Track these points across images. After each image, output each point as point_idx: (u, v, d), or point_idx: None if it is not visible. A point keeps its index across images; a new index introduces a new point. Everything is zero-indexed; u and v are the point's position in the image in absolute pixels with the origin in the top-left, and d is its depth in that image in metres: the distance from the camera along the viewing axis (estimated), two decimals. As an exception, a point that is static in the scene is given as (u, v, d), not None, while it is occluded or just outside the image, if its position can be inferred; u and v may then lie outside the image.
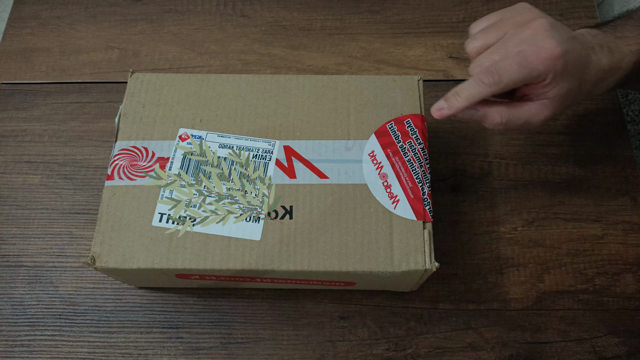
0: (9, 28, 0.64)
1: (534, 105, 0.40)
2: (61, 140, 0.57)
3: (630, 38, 0.42)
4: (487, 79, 0.37)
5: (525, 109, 0.40)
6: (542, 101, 0.39)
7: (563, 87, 0.38)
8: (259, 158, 0.44)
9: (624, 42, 0.41)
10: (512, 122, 0.40)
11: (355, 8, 0.65)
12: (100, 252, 0.41)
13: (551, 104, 0.39)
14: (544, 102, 0.39)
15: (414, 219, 0.42)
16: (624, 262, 0.51)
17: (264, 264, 0.40)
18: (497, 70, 0.37)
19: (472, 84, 0.38)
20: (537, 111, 0.40)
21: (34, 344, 0.48)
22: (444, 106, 0.39)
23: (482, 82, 0.37)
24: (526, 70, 0.37)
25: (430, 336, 0.48)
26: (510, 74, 0.37)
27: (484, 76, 0.37)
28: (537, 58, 0.37)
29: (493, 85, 0.37)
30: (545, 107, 0.39)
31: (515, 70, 0.37)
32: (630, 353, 0.48)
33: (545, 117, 0.40)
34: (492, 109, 0.40)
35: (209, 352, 0.48)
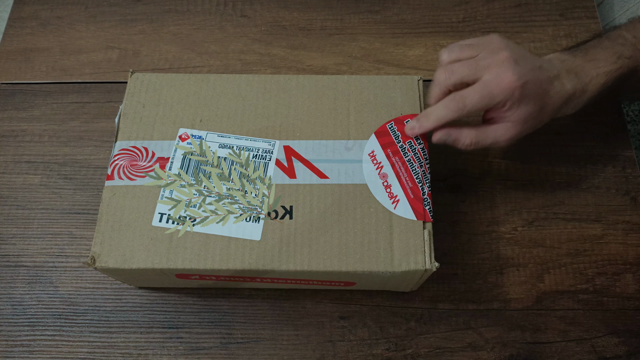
0: (9, 28, 0.64)
1: (499, 127, 0.44)
2: (61, 140, 0.57)
3: (600, 60, 0.46)
4: (453, 105, 0.42)
5: (492, 130, 0.44)
6: (505, 124, 0.44)
7: (522, 111, 0.43)
8: (259, 158, 0.44)
9: (593, 65, 0.46)
10: (481, 143, 0.45)
11: (355, 8, 0.65)
12: (100, 252, 0.41)
13: (514, 126, 0.44)
14: (508, 124, 0.44)
15: (414, 219, 0.42)
16: (624, 262, 0.51)
17: (264, 264, 0.40)
18: (462, 99, 0.42)
19: (441, 109, 0.43)
20: (502, 132, 0.44)
21: (34, 344, 0.48)
22: (415, 125, 0.44)
23: (449, 107, 0.42)
24: (487, 99, 0.42)
25: (430, 336, 0.48)
26: (473, 102, 0.42)
27: (451, 103, 0.42)
28: (497, 88, 0.41)
29: (458, 111, 0.42)
30: (509, 129, 0.44)
31: (478, 99, 0.42)
32: (630, 353, 0.48)
33: (510, 137, 0.44)
34: (463, 133, 0.44)
35: (209, 352, 0.48)
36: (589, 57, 0.46)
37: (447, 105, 0.42)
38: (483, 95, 0.42)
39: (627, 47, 0.46)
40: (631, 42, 0.47)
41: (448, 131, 0.44)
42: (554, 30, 0.63)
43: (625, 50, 0.46)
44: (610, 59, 0.46)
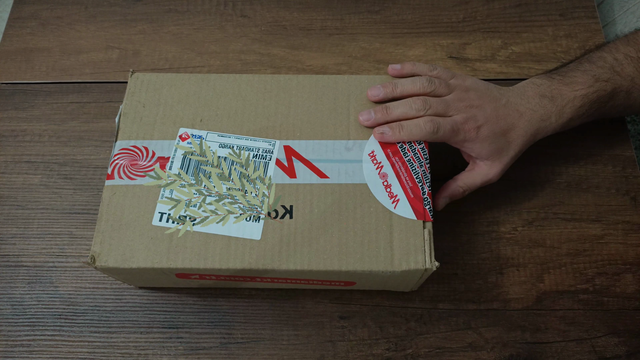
0: (9, 28, 0.64)
1: (482, 167, 0.48)
2: (61, 140, 0.57)
3: (578, 84, 0.48)
4: (429, 127, 0.44)
5: (477, 172, 0.48)
6: (484, 162, 0.48)
7: (487, 149, 0.46)
8: (259, 158, 0.44)
9: (570, 87, 0.48)
10: (472, 187, 0.48)
11: (355, 8, 0.65)
12: (100, 251, 0.41)
13: (492, 162, 0.47)
14: (486, 162, 0.47)
15: (414, 219, 0.42)
16: (624, 262, 0.51)
17: (264, 263, 0.40)
18: (438, 125, 0.44)
19: (417, 126, 0.44)
20: (487, 170, 0.48)
21: (34, 344, 0.48)
22: (388, 132, 0.44)
23: (424, 129, 0.44)
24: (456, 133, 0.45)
25: (430, 336, 0.48)
26: (444, 132, 0.44)
27: (428, 124, 0.44)
28: (461, 128, 0.45)
29: (431, 134, 0.44)
30: (491, 166, 0.47)
31: (449, 131, 0.45)
32: (630, 353, 0.48)
33: (497, 172, 0.48)
34: (453, 187, 0.48)
35: (209, 352, 0.48)
36: (567, 80, 0.48)
37: (425, 126, 0.44)
38: (454, 130, 0.45)
39: (605, 70, 0.48)
40: (610, 65, 0.48)
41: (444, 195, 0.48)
42: (554, 30, 0.63)
43: (603, 73, 0.48)
44: (588, 82, 0.47)
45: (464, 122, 0.45)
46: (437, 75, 0.47)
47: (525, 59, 0.61)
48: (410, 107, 0.45)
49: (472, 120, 0.45)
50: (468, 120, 0.45)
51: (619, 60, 0.48)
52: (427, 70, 0.48)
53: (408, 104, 0.45)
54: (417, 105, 0.45)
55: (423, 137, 0.44)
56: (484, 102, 0.46)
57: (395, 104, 0.45)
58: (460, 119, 0.45)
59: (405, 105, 0.45)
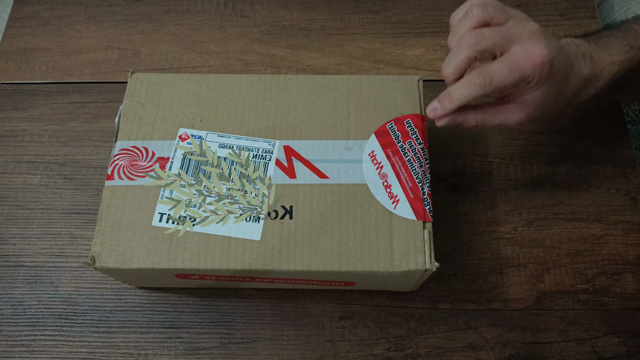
0: (9, 28, 0.64)
1: (510, 108, 0.42)
2: (61, 140, 0.57)
3: (614, 49, 0.43)
4: (479, 80, 0.38)
5: (501, 110, 0.42)
6: (518, 104, 0.41)
7: (542, 93, 0.40)
8: (259, 158, 0.44)
9: (606, 52, 0.43)
10: (488, 124, 0.42)
11: (355, 8, 0.65)
12: (100, 252, 0.41)
13: (526, 107, 0.41)
14: (520, 105, 0.41)
15: (414, 219, 0.42)
16: (624, 262, 0.51)
17: (264, 264, 0.40)
18: (489, 73, 0.38)
19: (464, 86, 0.39)
20: (512, 113, 0.41)
21: (34, 344, 0.48)
22: (437, 107, 0.41)
23: (474, 83, 0.38)
24: (516, 73, 0.38)
25: (430, 336, 0.48)
26: (501, 77, 0.38)
27: (476, 78, 0.38)
28: (526, 62, 0.38)
29: (484, 87, 0.38)
30: (520, 110, 0.41)
31: (507, 74, 0.38)
32: (630, 353, 0.48)
33: (519, 120, 0.42)
34: (468, 116, 0.42)
35: (209, 352, 0.48)
36: (602, 44, 0.44)
37: (472, 80, 0.38)
38: (512, 70, 0.38)
39: (638, 39, 0.44)
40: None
41: (454, 116, 0.41)
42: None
43: (636, 41, 0.44)
44: (623, 49, 0.44)
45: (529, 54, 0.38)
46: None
47: (525, 59, 0.61)
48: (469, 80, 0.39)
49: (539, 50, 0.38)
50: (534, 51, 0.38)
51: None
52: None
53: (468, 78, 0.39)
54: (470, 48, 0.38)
55: (477, 93, 0.38)
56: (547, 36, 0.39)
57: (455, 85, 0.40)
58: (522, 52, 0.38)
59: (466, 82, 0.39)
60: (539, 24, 0.40)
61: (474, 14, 0.40)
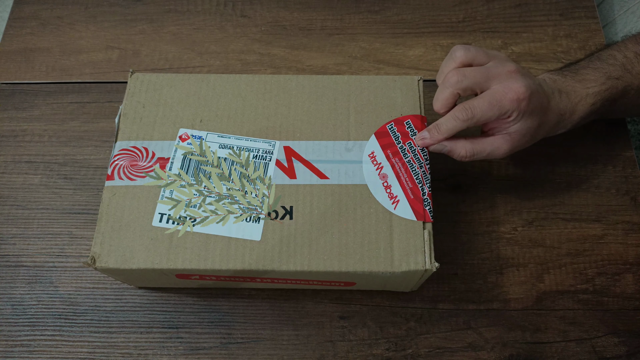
0: (9, 28, 0.64)
1: (496, 140, 0.44)
2: (61, 140, 0.57)
3: (590, 81, 0.47)
4: (462, 115, 0.42)
5: (488, 142, 0.45)
6: (503, 135, 0.44)
7: (524, 125, 0.43)
8: (259, 158, 0.44)
9: (582, 85, 0.47)
10: (477, 155, 0.45)
11: (355, 8, 0.65)
12: (101, 252, 0.41)
13: (511, 139, 0.44)
14: (505, 136, 0.44)
15: (414, 219, 0.42)
16: (624, 262, 0.51)
17: (264, 264, 0.40)
18: (471, 108, 0.42)
19: (450, 120, 0.43)
20: (498, 145, 0.44)
21: (34, 344, 0.48)
22: (426, 136, 0.44)
23: (458, 117, 0.42)
24: (495, 108, 0.41)
25: (430, 336, 0.48)
26: (482, 111, 0.42)
27: (459, 113, 0.42)
28: (505, 98, 0.41)
29: (467, 121, 0.42)
30: (506, 142, 0.44)
31: (487, 109, 0.41)
32: (630, 353, 0.48)
33: (505, 151, 0.45)
34: (458, 144, 0.44)
35: (209, 352, 0.48)
36: (579, 78, 0.47)
37: (457, 115, 0.42)
38: (492, 105, 0.41)
39: (616, 68, 0.47)
40: (621, 63, 0.48)
41: (445, 143, 0.44)
42: (554, 30, 0.63)
43: (614, 70, 0.47)
44: (600, 80, 0.47)
45: (507, 90, 0.41)
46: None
47: (525, 59, 0.61)
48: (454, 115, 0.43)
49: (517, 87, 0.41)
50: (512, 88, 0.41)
51: (630, 59, 0.48)
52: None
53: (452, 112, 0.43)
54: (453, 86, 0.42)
55: (461, 126, 0.42)
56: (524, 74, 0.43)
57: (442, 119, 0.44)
58: (501, 89, 0.42)
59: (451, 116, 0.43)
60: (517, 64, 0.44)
61: (457, 55, 0.44)
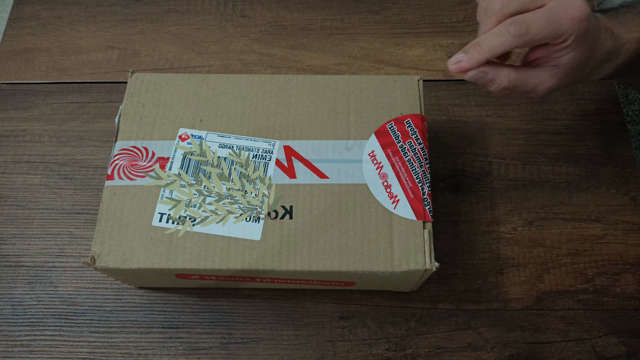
0: (9, 28, 0.64)
1: (542, 72, 0.39)
2: (61, 140, 0.57)
3: (632, 25, 0.42)
4: (514, 29, 0.35)
5: (534, 74, 0.39)
6: (550, 68, 0.39)
7: (576, 55, 0.38)
8: (259, 158, 0.44)
9: (625, 28, 0.42)
10: (519, 87, 0.39)
11: (355, 8, 0.65)
12: (100, 252, 0.41)
13: (559, 72, 0.39)
14: (552, 69, 0.39)
15: (414, 219, 0.42)
16: (624, 262, 0.51)
17: (264, 264, 0.40)
18: (526, 22, 0.35)
19: (496, 35, 0.36)
20: (544, 78, 0.39)
21: (34, 344, 0.48)
22: (462, 58, 0.38)
23: (509, 32, 0.36)
24: (553, 26, 0.36)
25: (430, 336, 0.48)
26: (538, 28, 0.35)
27: (511, 26, 0.36)
28: (565, 16, 0.36)
29: (519, 37, 0.36)
30: (552, 76, 0.39)
31: (544, 26, 0.36)
32: (630, 353, 0.48)
33: (550, 86, 0.39)
34: (502, 72, 0.38)
35: (209, 352, 0.48)
36: (621, 20, 0.42)
37: (506, 29, 0.36)
38: (550, 22, 0.35)
39: None
40: None
41: (485, 68, 0.38)
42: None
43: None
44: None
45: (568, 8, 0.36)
46: None
47: (525, 59, 0.61)
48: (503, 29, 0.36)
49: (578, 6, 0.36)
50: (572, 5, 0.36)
51: None
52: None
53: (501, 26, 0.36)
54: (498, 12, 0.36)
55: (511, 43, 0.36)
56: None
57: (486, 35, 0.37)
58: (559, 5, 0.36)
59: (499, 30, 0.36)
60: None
61: None
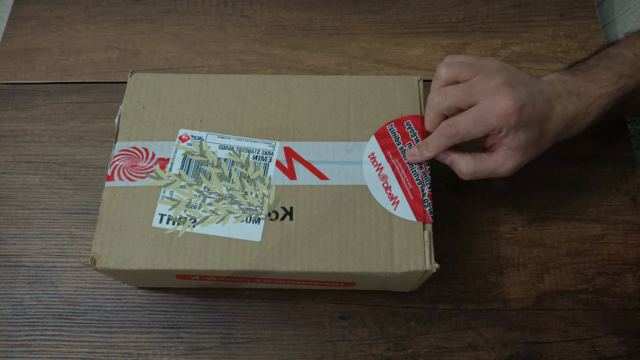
0: (9, 28, 0.64)
1: (499, 156, 0.43)
2: (61, 140, 0.57)
3: (602, 80, 0.45)
4: (446, 131, 0.41)
5: (492, 160, 0.43)
6: (505, 152, 0.42)
7: (521, 138, 0.41)
8: (259, 159, 0.44)
9: (595, 85, 0.44)
10: (479, 172, 0.43)
11: (355, 8, 0.65)
12: (101, 252, 0.41)
13: (514, 154, 0.42)
14: (508, 152, 0.42)
15: (414, 220, 0.42)
16: (624, 262, 0.51)
17: (264, 264, 0.40)
18: (455, 125, 0.41)
19: (436, 137, 0.42)
20: (502, 161, 0.43)
21: (34, 344, 0.48)
22: (416, 153, 0.44)
23: (442, 134, 0.42)
24: (481, 124, 0.40)
25: (430, 336, 0.48)
26: (466, 127, 0.41)
27: (444, 129, 0.41)
28: (491, 114, 0.40)
29: (452, 137, 0.41)
30: (509, 158, 0.43)
31: (472, 125, 0.40)
32: (630, 353, 0.48)
33: (511, 167, 0.43)
34: (461, 159, 0.43)
35: (209, 352, 0.48)
36: (590, 77, 0.45)
37: (442, 132, 0.42)
38: (477, 121, 0.40)
39: (627, 66, 0.45)
40: (631, 60, 0.45)
41: (447, 153, 0.44)
42: (554, 30, 0.63)
43: (626, 69, 0.45)
44: (612, 79, 0.44)
45: (494, 105, 0.40)
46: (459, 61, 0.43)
47: (525, 59, 0.61)
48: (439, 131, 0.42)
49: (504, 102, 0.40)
50: (499, 103, 0.40)
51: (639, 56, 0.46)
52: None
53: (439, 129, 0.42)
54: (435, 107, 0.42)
55: (447, 143, 0.42)
56: (516, 83, 0.41)
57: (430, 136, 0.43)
58: (487, 104, 0.40)
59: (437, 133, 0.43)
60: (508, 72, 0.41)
61: (440, 74, 0.43)
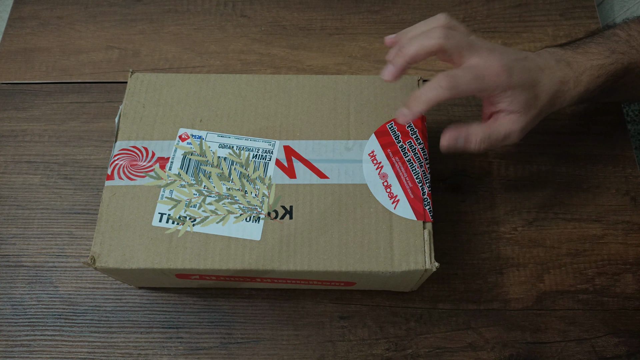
0: (9, 28, 0.64)
1: (504, 120, 0.42)
2: (61, 140, 0.57)
3: (593, 53, 0.45)
4: (445, 82, 0.39)
5: (501, 123, 0.42)
6: (508, 116, 0.42)
7: (519, 99, 0.41)
8: (259, 158, 0.44)
9: (584, 57, 0.45)
10: (493, 137, 0.42)
11: (355, 8, 0.65)
12: (100, 252, 0.41)
13: (517, 116, 0.42)
14: (510, 116, 0.42)
15: (414, 219, 0.42)
16: (624, 262, 0.51)
17: (264, 264, 0.40)
18: (454, 77, 0.39)
19: (431, 88, 0.39)
20: (511, 124, 0.42)
21: (34, 344, 0.48)
22: (406, 112, 0.41)
23: (441, 85, 0.39)
24: (478, 80, 0.39)
25: (430, 336, 0.48)
26: (466, 82, 0.39)
27: (443, 80, 0.39)
28: (487, 71, 0.40)
29: (451, 90, 0.39)
30: (514, 121, 0.42)
31: (470, 79, 0.39)
32: (630, 353, 0.48)
33: (520, 128, 0.42)
34: (473, 130, 0.42)
35: (209, 352, 0.48)
36: (581, 50, 0.45)
37: (439, 83, 0.39)
38: (475, 76, 0.39)
39: (620, 44, 0.45)
40: (625, 39, 0.46)
41: (457, 133, 0.41)
42: (554, 30, 0.63)
43: (618, 46, 0.45)
44: (604, 53, 0.45)
45: (488, 65, 0.39)
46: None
47: (525, 59, 0.61)
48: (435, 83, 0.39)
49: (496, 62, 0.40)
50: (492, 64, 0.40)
51: (634, 36, 0.46)
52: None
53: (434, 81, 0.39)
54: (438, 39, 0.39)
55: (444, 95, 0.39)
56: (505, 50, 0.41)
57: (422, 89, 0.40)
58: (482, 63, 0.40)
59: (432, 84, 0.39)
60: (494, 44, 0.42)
61: (441, 17, 0.41)
